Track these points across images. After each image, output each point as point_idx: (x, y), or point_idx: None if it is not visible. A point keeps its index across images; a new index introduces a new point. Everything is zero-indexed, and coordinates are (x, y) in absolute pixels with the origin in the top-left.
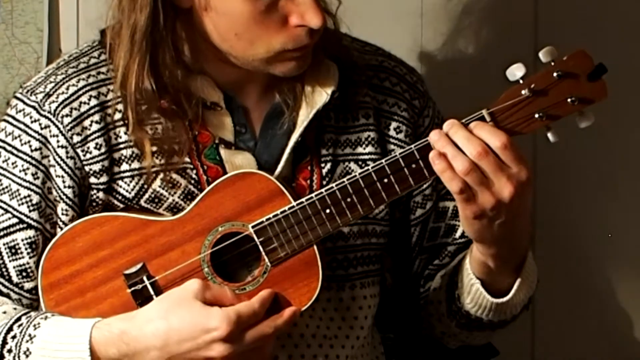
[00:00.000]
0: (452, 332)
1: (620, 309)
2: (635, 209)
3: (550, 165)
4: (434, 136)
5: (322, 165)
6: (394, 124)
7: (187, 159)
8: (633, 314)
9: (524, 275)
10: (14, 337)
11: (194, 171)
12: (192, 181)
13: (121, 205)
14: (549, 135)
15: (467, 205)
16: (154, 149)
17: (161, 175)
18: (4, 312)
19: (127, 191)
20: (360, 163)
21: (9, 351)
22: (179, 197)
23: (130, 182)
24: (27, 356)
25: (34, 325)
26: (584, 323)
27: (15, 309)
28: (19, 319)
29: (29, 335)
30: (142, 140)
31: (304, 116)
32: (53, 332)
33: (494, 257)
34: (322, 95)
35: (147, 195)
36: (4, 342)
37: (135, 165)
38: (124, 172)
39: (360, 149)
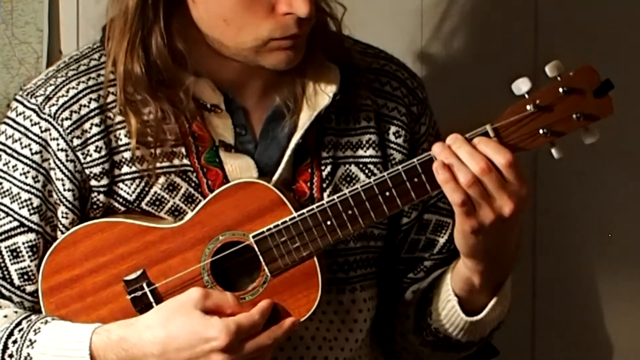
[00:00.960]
0: (413, 349)
1: (620, 309)
2: (635, 209)
3: (550, 166)
4: (436, 148)
5: (323, 167)
6: (393, 128)
7: (186, 162)
8: (633, 314)
9: (500, 295)
10: (14, 342)
11: (194, 174)
12: (193, 184)
13: (122, 208)
14: (553, 151)
15: (467, 219)
16: (143, 135)
17: (162, 179)
18: (5, 316)
19: (128, 194)
20: (361, 166)
21: (10, 356)
22: (179, 200)
23: (131, 184)
24: None
25: (35, 330)
26: (584, 323)
27: (16, 312)
28: (19, 323)
29: (30, 340)
30: (129, 120)
31: (306, 118)
32: (53, 337)
33: (481, 273)
34: (322, 99)
35: (147, 198)
36: (5, 346)
37: (137, 167)
38: (125, 174)
39: (361, 152)
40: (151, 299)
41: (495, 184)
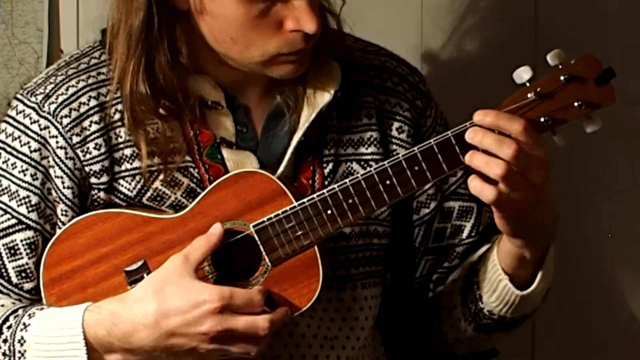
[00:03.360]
0: (466, 336)
1: (620, 309)
2: (635, 209)
3: (550, 166)
4: (467, 157)
5: (324, 165)
6: (396, 124)
7: (188, 158)
8: (633, 314)
9: (545, 265)
10: (9, 327)
11: (196, 170)
12: (194, 179)
13: (123, 204)
14: (555, 139)
15: (504, 209)
16: (152, 149)
17: (162, 175)
18: (2, 305)
19: (128, 190)
20: (362, 163)
21: (5, 341)
22: (181, 195)
23: (132, 181)
24: (21, 344)
25: (29, 315)
26: (584, 323)
27: (14, 303)
28: (15, 310)
29: (24, 323)
30: (139, 142)
31: (307, 116)
32: (47, 319)
33: (531, 246)
34: (324, 96)
35: (149, 194)
36: (0, 332)
37: (136, 164)
38: (125, 171)
39: (362, 149)
40: None
41: (525, 163)
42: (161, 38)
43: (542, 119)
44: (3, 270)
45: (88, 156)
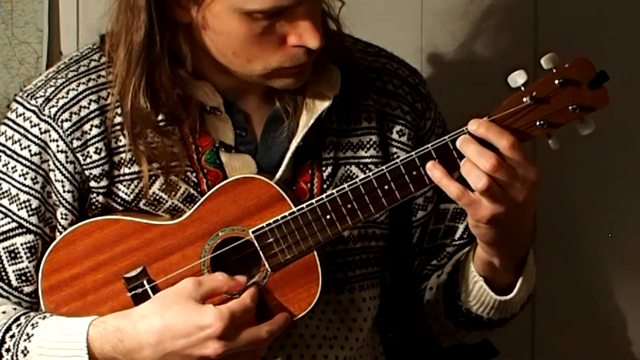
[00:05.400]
0: (448, 331)
1: (620, 309)
2: (635, 209)
3: (550, 165)
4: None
5: (323, 168)
6: (397, 127)
7: (187, 163)
8: (633, 314)
9: (525, 272)
10: (12, 336)
11: (194, 174)
12: (192, 184)
13: (120, 208)
14: (550, 142)
15: (478, 211)
16: (150, 156)
17: (160, 180)
18: (4, 312)
19: (126, 194)
20: (361, 167)
21: (7, 350)
22: (178, 200)
23: (130, 185)
24: (24, 355)
25: (32, 325)
26: (584, 323)
27: (15, 309)
28: (17, 318)
29: (27, 334)
30: (138, 153)
31: (304, 123)
32: (50, 331)
33: (501, 256)
34: (323, 102)
35: (146, 199)
36: (3, 341)
37: (135, 168)
38: (124, 175)
39: (362, 153)
40: (152, 296)
41: (506, 177)
42: (162, 55)
43: (537, 123)
44: (3, 273)
45: (88, 160)
